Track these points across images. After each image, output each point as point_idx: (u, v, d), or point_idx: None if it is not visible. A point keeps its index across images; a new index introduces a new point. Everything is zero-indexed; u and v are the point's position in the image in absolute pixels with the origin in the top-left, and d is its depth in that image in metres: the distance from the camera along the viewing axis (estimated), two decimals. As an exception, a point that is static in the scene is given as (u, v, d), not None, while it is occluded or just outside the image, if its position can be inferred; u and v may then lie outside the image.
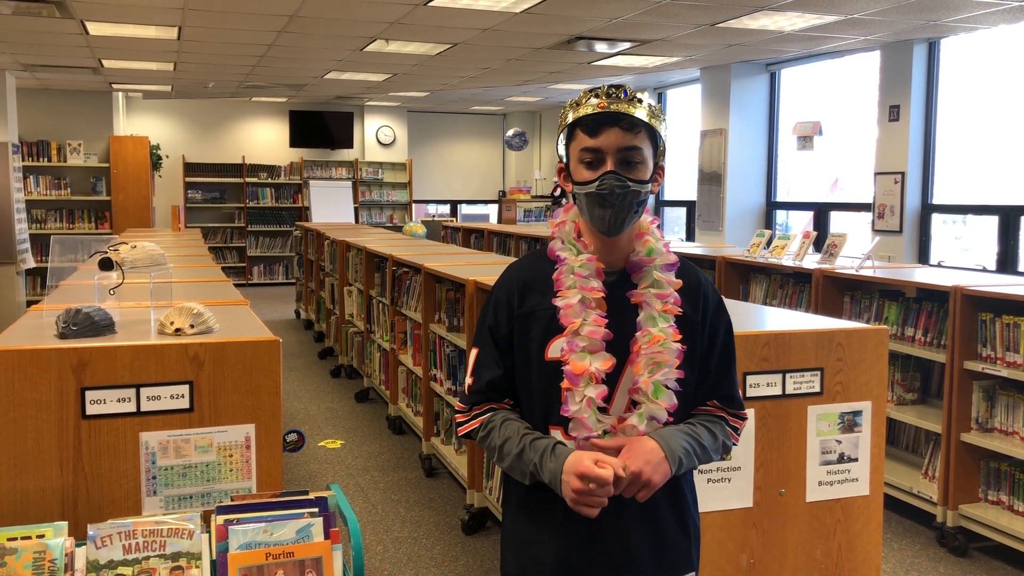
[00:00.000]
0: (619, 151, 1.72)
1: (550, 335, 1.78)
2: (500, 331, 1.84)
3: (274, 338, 2.36)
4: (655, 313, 1.76)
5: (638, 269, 1.80)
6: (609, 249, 1.81)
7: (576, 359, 1.72)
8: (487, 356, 1.85)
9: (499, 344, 1.84)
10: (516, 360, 1.83)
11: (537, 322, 1.80)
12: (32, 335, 2.39)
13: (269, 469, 2.33)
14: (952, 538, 4.19)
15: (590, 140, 1.73)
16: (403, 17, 7.19)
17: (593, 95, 1.75)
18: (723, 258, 5.90)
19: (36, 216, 12.29)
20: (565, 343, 1.74)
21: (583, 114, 1.74)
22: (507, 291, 1.85)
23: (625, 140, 1.72)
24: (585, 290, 1.75)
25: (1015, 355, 3.99)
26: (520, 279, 1.85)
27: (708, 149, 10.43)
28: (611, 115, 1.72)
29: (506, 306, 1.84)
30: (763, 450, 2.64)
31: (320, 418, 6.53)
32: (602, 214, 1.74)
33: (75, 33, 7.90)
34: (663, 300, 1.77)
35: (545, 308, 1.79)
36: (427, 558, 4.09)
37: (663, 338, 1.74)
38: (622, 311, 1.77)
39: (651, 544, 1.80)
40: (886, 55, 8.23)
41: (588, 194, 1.74)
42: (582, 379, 1.72)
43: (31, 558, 1.86)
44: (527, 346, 1.81)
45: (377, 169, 15.53)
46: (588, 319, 1.73)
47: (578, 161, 1.76)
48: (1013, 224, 7.26)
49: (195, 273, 4.45)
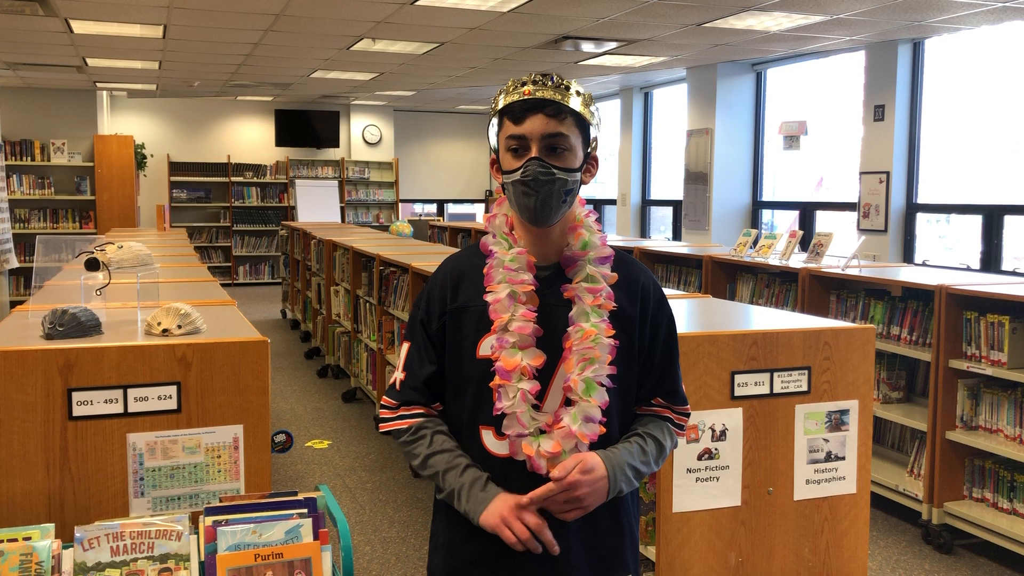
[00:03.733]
0: (544, 138, 1.68)
1: (482, 332, 1.74)
2: (432, 326, 1.79)
3: (262, 338, 2.36)
4: (587, 308, 1.72)
5: (572, 263, 1.76)
6: (542, 242, 1.77)
7: (507, 355, 1.69)
8: (420, 351, 1.80)
9: (431, 339, 1.79)
10: (448, 357, 1.78)
11: (469, 318, 1.76)
12: (18, 336, 2.37)
13: (257, 470, 2.32)
14: (937, 535, 4.21)
15: (515, 127, 1.70)
16: (390, 16, 7.18)
17: (520, 83, 1.72)
18: (710, 257, 5.92)
19: (19, 216, 12.21)
20: (495, 339, 1.70)
21: (509, 101, 1.71)
22: (440, 285, 1.81)
23: (550, 127, 1.68)
24: (515, 283, 1.71)
25: (999, 353, 4.02)
26: (453, 273, 1.81)
27: (694, 149, 10.46)
28: (536, 101, 1.68)
29: (439, 301, 1.79)
30: (751, 449, 2.65)
31: (307, 418, 6.51)
32: (527, 203, 1.70)
33: (59, 31, 7.85)
34: (595, 294, 1.72)
35: (477, 304, 1.75)
36: (415, 558, 4.09)
37: (595, 333, 1.70)
38: (555, 306, 1.74)
39: (584, 544, 1.76)
40: (871, 55, 8.27)
41: (514, 182, 1.71)
42: (513, 374, 1.68)
43: (17, 560, 1.84)
44: (459, 342, 1.76)
45: (363, 168, 15.50)
46: (517, 314, 1.70)
47: (505, 150, 1.73)
48: (996, 223, 7.32)
49: (181, 273, 4.43)
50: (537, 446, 1.69)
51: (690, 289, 6.25)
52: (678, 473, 2.58)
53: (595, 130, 1.76)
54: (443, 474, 1.74)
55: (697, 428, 2.59)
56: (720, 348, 2.60)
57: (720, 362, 2.61)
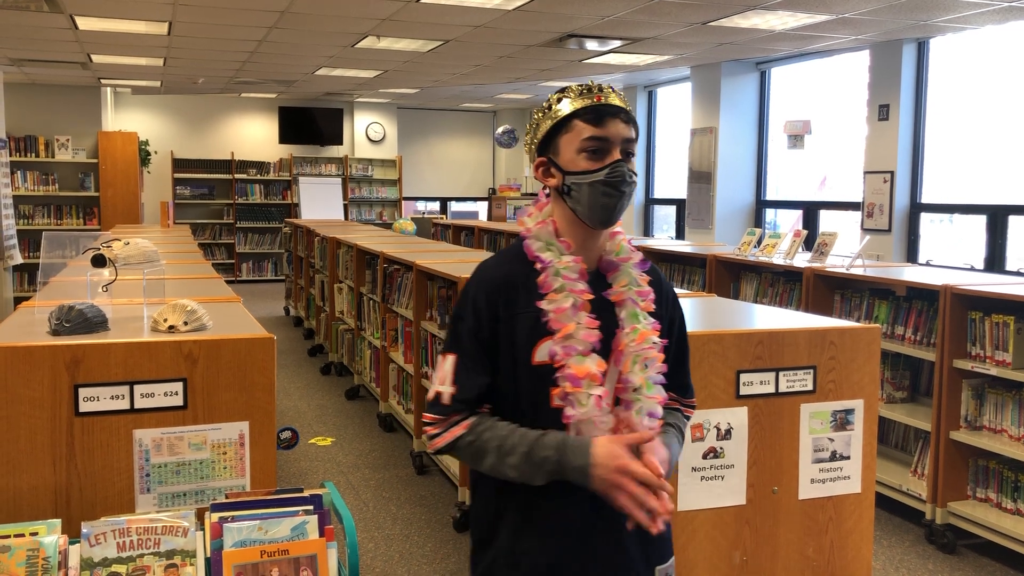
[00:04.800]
0: (623, 142, 1.75)
1: (536, 338, 1.75)
2: (482, 335, 1.78)
3: (268, 335, 2.36)
4: (638, 311, 1.78)
5: (614, 268, 1.82)
6: (587, 247, 1.81)
7: (576, 363, 1.72)
8: (471, 363, 1.78)
9: (482, 349, 1.78)
10: (501, 364, 1.78)
11: (521, 325, 1.76)
12: (24, 332, 2.38)
13: (263, 467, 2.32)
14: (941, 535, 4.21)
15: (596, 130, 1.73)
16: (395, 13, 7.17)
17: (585, 89, 1.77)
18: (714, 256, 5.92)
19: (24, 212, 12.22)
20: (559, 347, 1.72)
21: (584, 105, 1.74)
22: (487, 293, 1.79)
23: (625, 132, 1.75)
24: (575, 293, 1.75)
25: (1004, 354, 4.02)
26: (501, 281, 1.80)
27: (698, 148, 10.45)
28: (613, 107, 1.75)
29: (487, 309, 1.78)
30: (756, 448, 2.65)
31: (310, 416, 6.51)
32: (606, 203, 1.73)
33: (64, 28, 7.85)
34: (644, 298, 1.80)
35: (529, 310, 1.76)
36: (419, 555, 4.09)
37: (649, 334, 1.77)
38: (599, 311, 1.77)
39: (639, 536, 1.78)
40: (875, 54, 8.26)
41: (594, 183, 1.73)
42: (584, 382, 1.71)
43: (24, 556, 1.85)
44: (512, 349, 1.77)
45: (367, 166, 15.50)
46: (582, 322, 1.74)
47: (577, 152, 1.74)
48: (1001, 223, 7.31)
49: (186, 270, 4.43)
50: None
51: (694, 288, 6.24)
52: (683, 471, 2.58)
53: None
54: (537, 441, 1.69)
55: (702, 427, 2.59)
56: (725, 347, 2.61)
57: (725, 361, 2.61)
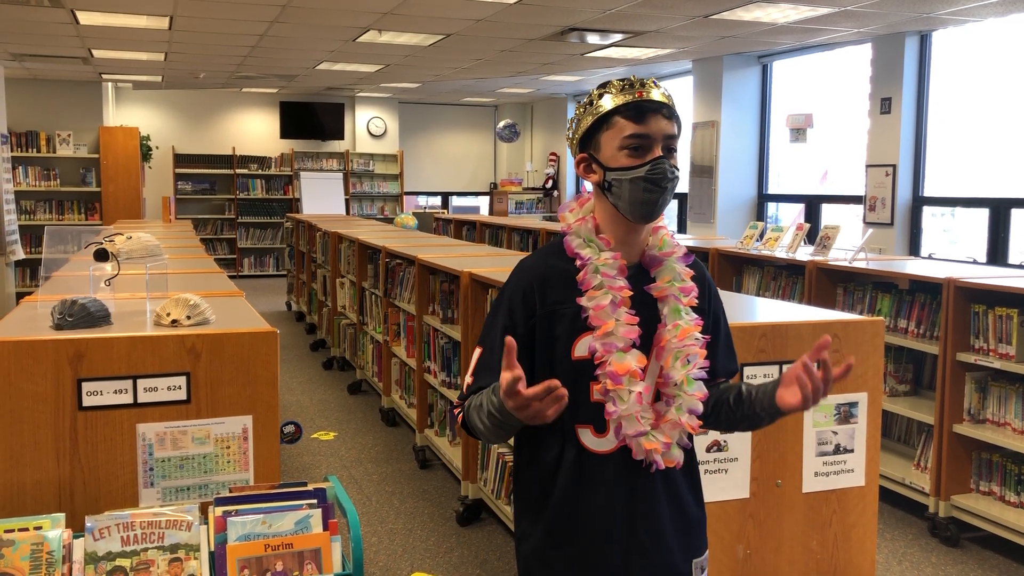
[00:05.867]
0: (665, 138, 1.74)
1: (576, 334, 1.76)
2: (517, 331, 1.78)
3: (271, 329, 2.36)
4: (680, 306, 1.78)
5: (657, 263, 1.82)
6: (628, 243, 1.81)
7: (617, 359, 1.72)
8: (493, 359, 1.78)
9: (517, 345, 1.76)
10: (538, 361, 1.79)
11: (561, 321, 1.77)
12: (27, 326, 2.37)
13: (267, 461, 2.32)
14: (944, 528, 4.21)
15: (637, 127, 1.73)
16: (396, 7, 7.16)
17: (626, 84, 1.76)
18: (716, 250, 5.91)
19: (25, 207, 12.22)
20: (599, 344, 1.73)
21: (625, 101, 1.74)
22: (524, 290, 1.81)
23: (668, 128, 1.74)
24: (614, 289, 1.75)
25: (1008, 347, 4.01)
26: (537, 278, 1.82)
27: (700, 141, 10.43)
28: (656, 103, 1.74)
29: (523, 306, 1.80)
30: (760, 441, 2.65)
31: (313, 410, 6.52)
32: (648, 198, 1.73)
33: (65, 22, 7.84)
34: (687, 293, 1.80)
35: (568, 306, 1.77)
36: (422, 549, 4.09)
37: (691, 330, 1.77)
38: (639, 305, 1.78)
39: (675, 528, 1.82)
40: (878, 48, 8.24)
41: (635, 179, 1.72)
42: (626, 378, 1.72)
43: (28, 550, 1.85)
44: (550, 345, 1.78)
45: (368, 160, 15.49)
46: (621, 318, 1.74)
47: (619, 148, 1.74)
48: (1004, 216, 7.30)
49: (188, 264, 4.43)
50: (654, 440, 1.75)
51: (696, 282, 6.23)
52: (687, 465, 2.57)
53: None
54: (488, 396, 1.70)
55: (706, 420, 2.59)
56: (729, 340, 2.60)
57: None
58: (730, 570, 2.64)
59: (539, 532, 1.83)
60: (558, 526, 1.81)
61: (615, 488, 1.77)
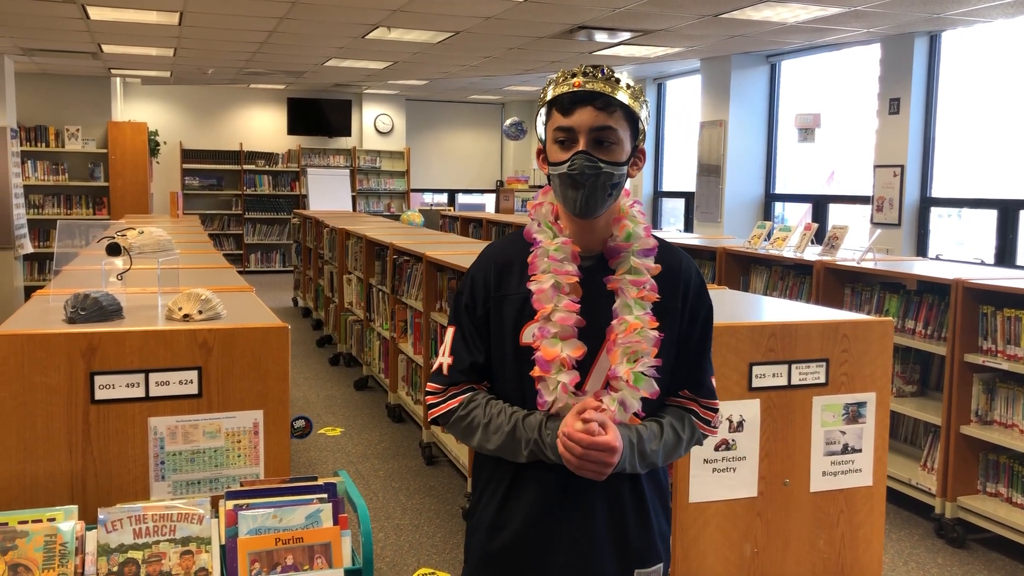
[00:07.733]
0: (592, 131, 1.68)
1: (524, 320, 1.74)
2: (476, 312, 1.80)
3: (283, 324, 2.37)
4: (630, 300, 1.72)
5: (615, 254, 1.76)
6: (586, 233, 1.76)
7: (547, 345, 1.69)
8: (466, 337, 1.81)
9: (477, 325, 1.80)
10: (492, 343, 1.79)
11: (511, 305, 1.76)
12: (40, 320, 2.39)
13: (277, 455, 2.33)
14: (951, 529, 4.21)
15: (563, 119, 1.70)
16: (406, 5, 7.17)
17: (571, 74, 1.72)
18: (723, 249, 5.91)
19: (34, 201, 12.25)
20: (537, 328, 1.71)
21: (558, 92, 1.71)
22: (484, 272, 1.82)
23: (598, 120, 1.68)
24: (559, 274, 1.71)
25: (1016, 348, 4.01)
26: (496, 261, 1.82)
27: (707, 140, 10.42)
28: (586, 94, 1.68)
29: (483, 287, 1.80)
30: (768, 440, 2.66)
31: (319, 406, 6.53)
32: (573, 195, 1.70)
33: (76, 17, 7.86)
34: (639, 287, 1.72)
35: (519, 292, 1.76)
36: (428, 545, 4.10)
37: (640, 326, 1.70)
38: (598, 296, 1.74)
39: (613, 538, 1.77)
40: (887, 48, 8.22)
41: (560, 175, 1.70)
42: (553, 365, 1.69)
43: (42, 541, 1.86)
44: (501, 329, 1.77)
45: (375, 157, 15.50)
46: (560, 304, 1.70)
47: (552, 141, 1.72)
48: (1012, 218, 7.28)
49: (197, 260, 4.44)
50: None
51: (703, 281, 6.22)
52: (695, 463, 2.58)
53: (643, 123, 1.75)
54: (522, 421, 1.71)
55: (714, 419, 2.59)
56: (738, 339, 2.60)
57: (738, 353, 2.61)
58: (737, 568, 2.65)
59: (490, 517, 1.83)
60: (506, 514, 1.80)
61: (554, 476, 1.72)
